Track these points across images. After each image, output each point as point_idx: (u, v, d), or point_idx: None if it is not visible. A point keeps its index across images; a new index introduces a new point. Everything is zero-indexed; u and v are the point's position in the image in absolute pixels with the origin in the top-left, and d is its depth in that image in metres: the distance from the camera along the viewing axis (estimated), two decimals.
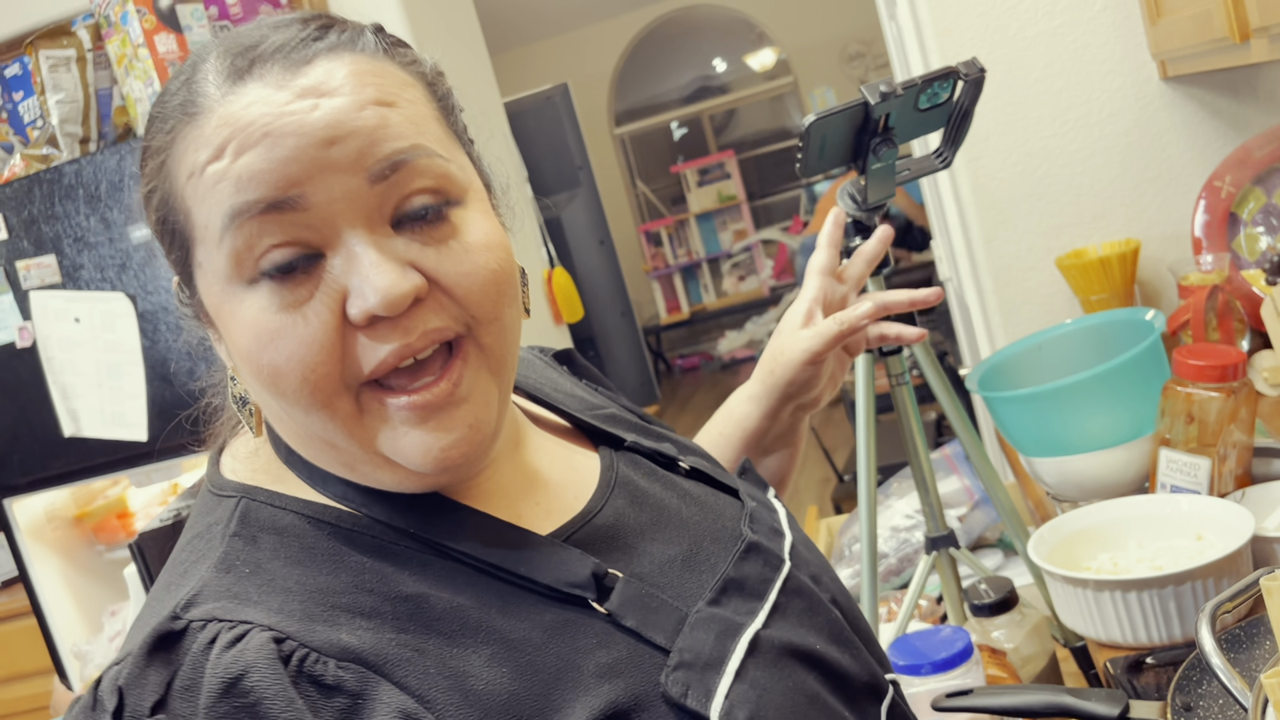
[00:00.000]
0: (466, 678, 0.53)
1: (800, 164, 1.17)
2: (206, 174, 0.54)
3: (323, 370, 0.54)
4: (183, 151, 0.56)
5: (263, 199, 0.53)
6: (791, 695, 0.59)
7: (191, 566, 0.57)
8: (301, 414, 0.56)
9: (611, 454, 0.72)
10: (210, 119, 0.55)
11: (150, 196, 0.59)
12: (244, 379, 0.59)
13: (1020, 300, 1.94)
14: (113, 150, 1.99)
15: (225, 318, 0.57)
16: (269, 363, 0.54)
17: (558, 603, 0.58)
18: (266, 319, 0.54)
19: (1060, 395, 1.24)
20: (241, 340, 0.56)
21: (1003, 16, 1.86)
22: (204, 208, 0.55)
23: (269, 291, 0.55)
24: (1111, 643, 1.06)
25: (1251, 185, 1.74)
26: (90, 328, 2.06)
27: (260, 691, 0.48)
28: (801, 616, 0.64)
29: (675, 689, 0.55)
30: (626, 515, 0.66)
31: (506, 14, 6.40)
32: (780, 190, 7.73)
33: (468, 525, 0.60)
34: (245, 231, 0.54)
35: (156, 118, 0.58)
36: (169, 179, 0.57)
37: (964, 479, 1.71)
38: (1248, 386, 1.19)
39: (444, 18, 2.50)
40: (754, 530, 0.69)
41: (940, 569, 1.33)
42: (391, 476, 0.59)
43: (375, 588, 0.56)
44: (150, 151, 0.58)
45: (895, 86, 1.12)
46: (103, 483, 2.36)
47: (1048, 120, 1.87)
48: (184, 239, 0.57)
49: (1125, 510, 1.16)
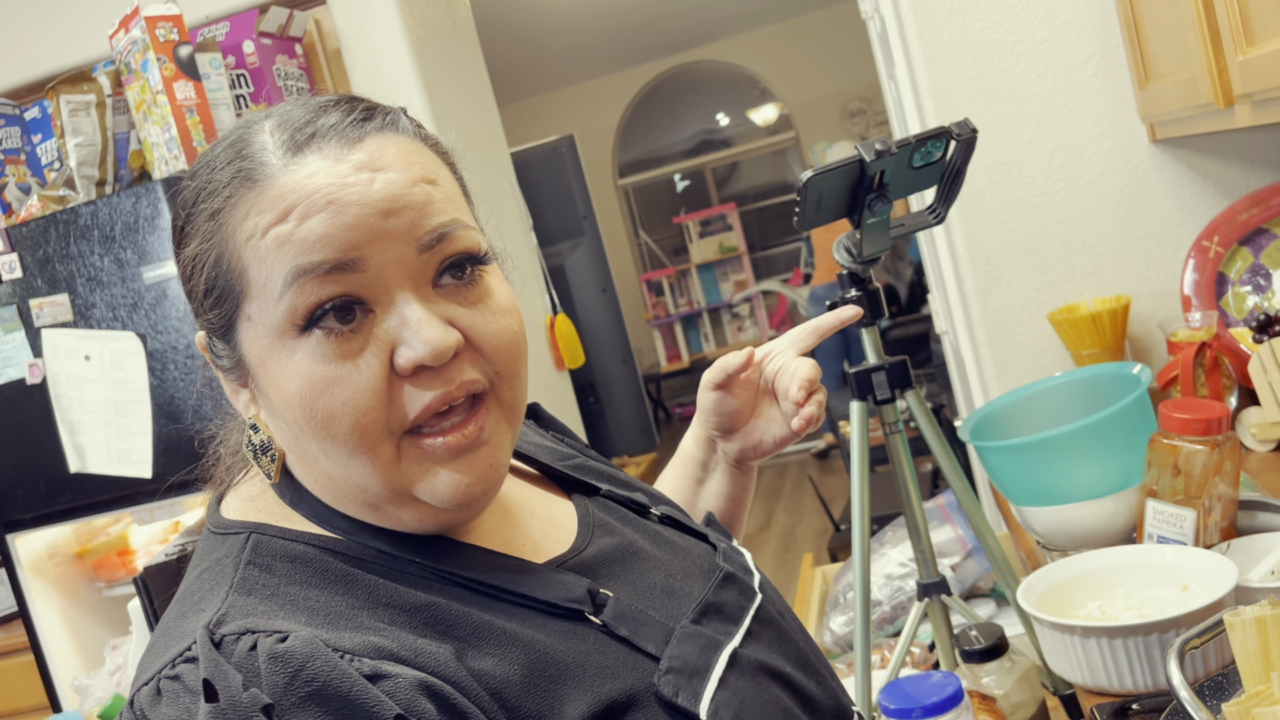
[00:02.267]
0: (482, 673, 0.57)
1: (798, 217, 1.22)
2: (269, 236, 0.59)
3: (373, 415, 0.59)
4: (243, 215, 0.60)
5: (327, 261, 0.58)
6: (768, 705, 0.64)
7: (206, 595, 0.59)
8: (345, 457, 0.60)
9: (586, 501, 0.77)
10: (272, 186, 0.60)
11: (200, 257, 0.62)
12: (287, 424, 0.62)
13: (1013, 354, 1.98)
14: (128, 193, 2.04)
15: (273, 367, 0.61)
16: (324, 407, 0.59)
17: (557, 617, 0.63)
18: (321, 367, 0.59)
19: (1049, 445, 1.27)
20: (292, 387, 0.60)
21: (997, 79, 1.92)
22: (264, 266, 0.59)
23: (322, 343, 0.59)
24: (1098, 689, 1.08)
25: (1238, 245, 1.78)
26: (100, 365, 2.09)
27: (325, 675, 0.52)
28: (772, 643, 0.70)
29: (667, 690, 0.61)
30: (608, 553, 0.71)
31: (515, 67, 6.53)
32: (781, 242, 7.81)
33: (469, 557, 0.65)
34: (307, 290, 0.59)
35: (208, 185, 0.62)
36: (224, 240, 0.61)
37: (957, 528, 1.74)
38: (1232, 440, 1.22)
39: (454, 70, 2.57)
40: (728, 564, 0.75)
41: (932, 615, 1.35)
42: (414, 515, 0.63)
43: (390, 601, 0.60)
44: (202, 215, 0.62)
45: (890, 145, 1.17)
46: (105, 520, 2.37)
47: (1040, 179, 1.92)
48: (234, 295, 0.61)
49: (1113, 560, 1.18)
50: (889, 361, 1.32)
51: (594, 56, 7.05)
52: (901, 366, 1.31)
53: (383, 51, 2.30)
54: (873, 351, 1.32)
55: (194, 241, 0.63)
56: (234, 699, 0.51)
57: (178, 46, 2.00)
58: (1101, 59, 1.88)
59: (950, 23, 1.92)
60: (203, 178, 0.63)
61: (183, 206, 0.64)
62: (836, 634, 1.69)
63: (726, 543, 0.80)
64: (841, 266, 1.30)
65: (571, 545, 0.71)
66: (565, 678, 0.59)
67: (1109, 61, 1.87)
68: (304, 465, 0.65)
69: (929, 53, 1.93)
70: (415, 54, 2.31)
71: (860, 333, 1.32)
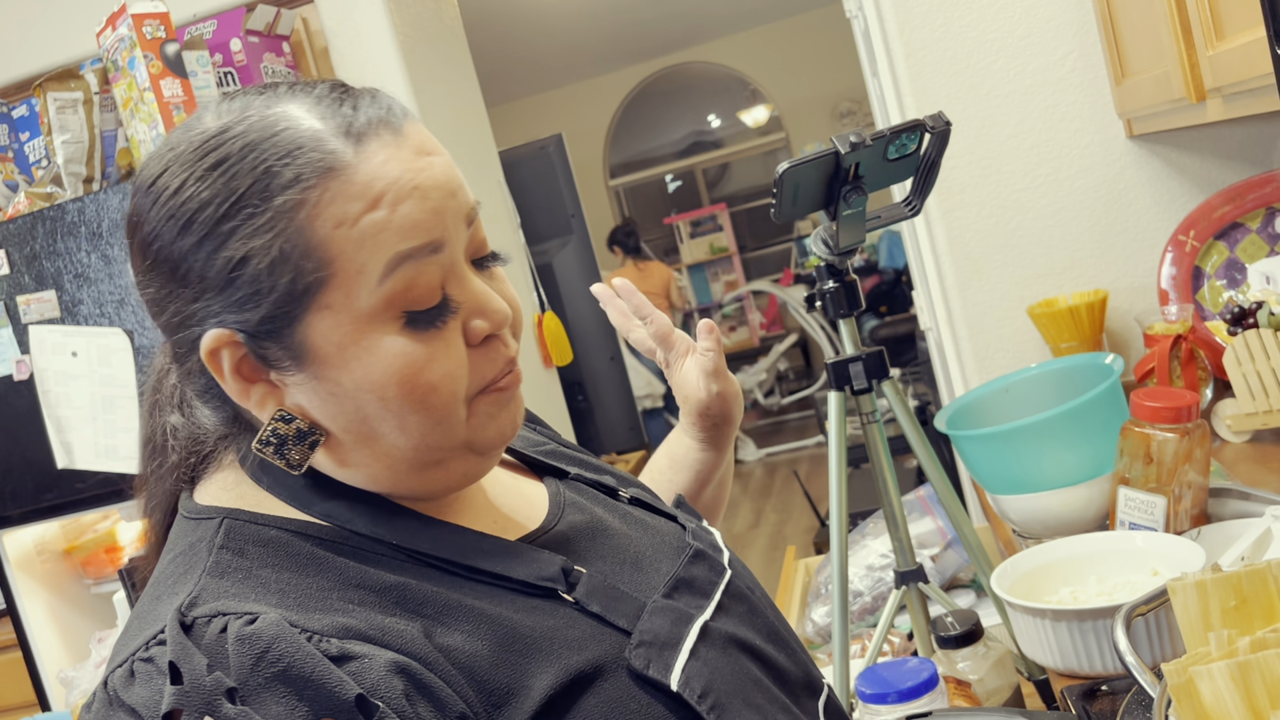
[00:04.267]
0: (450, 649, 0.58)
1: (775, 209, 1.23)
2: (363, 223, 0.60)
3: (463, 383, 0.64)
4: (326, 204, 0.59)
5: (425, 245, 0.61)
6: (738, 676, 0.65)
7: (180, 578, 0.60)
8: (430, 426, 0.63)
9: (557, 483, 0.79)
10: (356, 174, 0.60)
11: (257, 251, 0.60)
12: (349, 404, 0.62)
13: (994, 348, 2.00)
14: (116, 190, 2.05)
15: (360, 352, 0.61)
16: (425, 382, 0.62)
17: (528, 595, 0.64)
18: (418, 347, 0.62)
19: (1023, 434, 1.29)
20: (390, 367, 0.61)
21: (976, 76, 1.94)
22: (359, 254, 0.60)
23: (415, 323, 0.62)
24: (1069, 672, 1.10)
25: (1214, 240, 1.81)
26: (87, 362, 2.10)
27: (289, 657, 0.53)
28: (743, 617, 0.72)
29: (638, 662, 0.62)
30: (579, 529, 0.73)
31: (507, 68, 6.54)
32: (771, 243, 7.84)
33: (443, 535, 0.66)
34: (407, 273, 0.61)
35: (275, 181, 0.60)
36: (298, 231, 0.59)
37: (937, 520, 1.75)
38: (1202, 428, 1.24)
39: (441, 69, 2.58)
40: (698, 542, 0.77)
41: (909, 603, 1.36)
42: (461, 465, 0.66)
43: (359, 583, 0.61)
44: (261, 210, 0.60)
45: (864, 137, 1.19)
46: (93, 516, 2.38)
47: (1020, 175, 1.95)
48: (311, 285, 0.60)
49: (1085, 546, 1.20)
50: (866, 352, 1.33)
51: (585, 58, 7.07)
52: (878, 357, 1.33)
53: (370, 50, 2.31)
54: (850, 342, 1.34)
55: (245, 228, 0.60)
56: (198, 682, 0.52)
57: (165, 44, 2.01)
58: (1079, 56, 1.90)
59: (930, 20, 1.94)
60: (259, 177, 0.60)
61: (221, 195, 0.60)
62: (818, 624, 1.70)
63: (696, 523, 0.82)
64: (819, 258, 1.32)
65: (542, 523, 0.72)
66: (533, 651, 0.60)
67: (1086, 58, 1.90)
68: (362, 448, 0.64)
69: (909, 50, 1.95)
70: (402, 53, 2.32)
71: (839, 324, 1.34)
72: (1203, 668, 0.47)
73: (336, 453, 0.65)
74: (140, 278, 0.65)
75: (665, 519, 0.81)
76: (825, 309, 1.33)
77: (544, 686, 0.59)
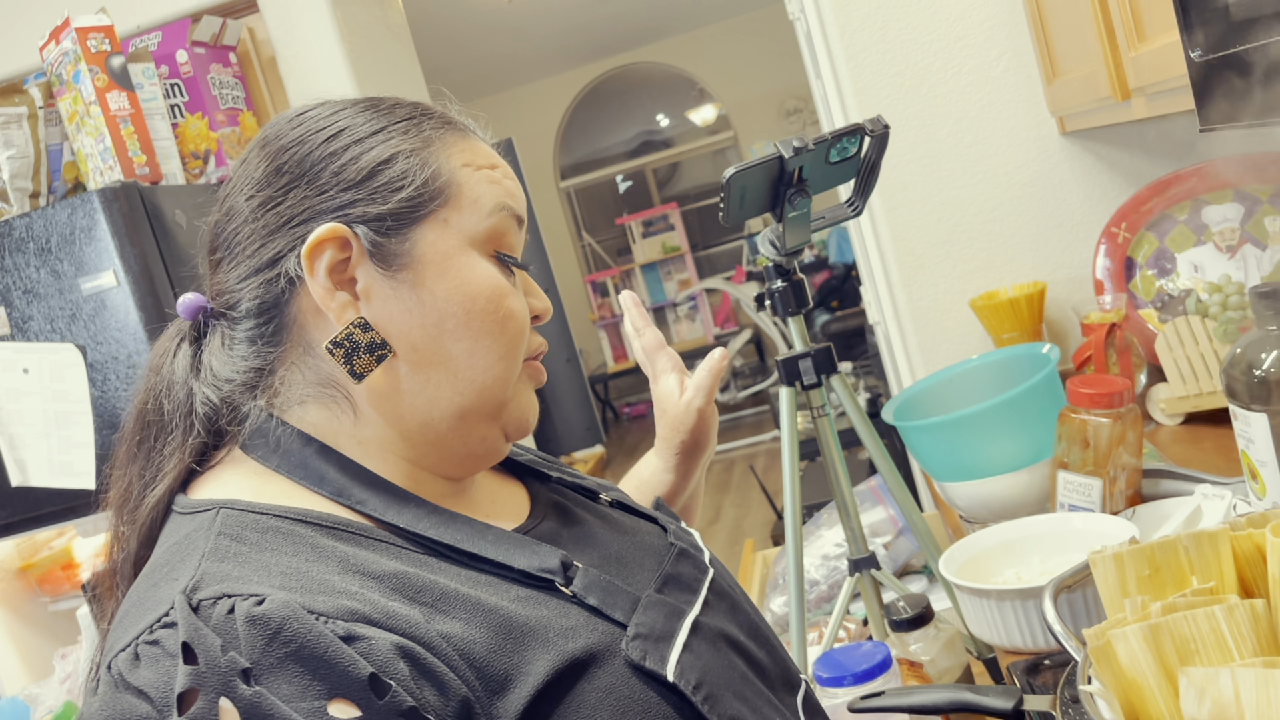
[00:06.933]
0: (450, 635, 0.59)
1: (723, 212, 1.27)
2: (483, 172, 0.74)
3: (528, 330, 0.74)
4: (459, 149, 0.74)
5: (521, 214, 0.75)
6: (727, 670, 0.68)
7: (178, 565, 0.60)
8: (498, 355, 0.71)
9: (537, 485, 0.82)
10: (478, 143, 0.76)
11: (406, 158, 0.71)
12: (432, 315, 0.70)
13: (939, 340, 2.06)
14: (64, 204, 2.04)
15: (460, 265, 0.71)
16: (508, 307, 0.72)
17: (524, 585, 0.66)
18: (504, 281, 0.73)
19: (966, 423, 1.34)
20: (484, 284, 0.71)
21: (914, 77, 1.99)
22: (478, 189, 0.73)
23: (501, 262, 0.73)
24: (1015, 649, 1.15)
25: (1145, 231, 1.88)
26: (39, 378, 2.09)
27: (302, 637, 0.54)
28: (727, 613, 0.74)
29: (635, 654, 0.65)
30: (563, 527, 0.76)
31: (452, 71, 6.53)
32: (722, 241, 7.91)
33: (448, 521, 0.68)
34: (506, 223, 0.74)
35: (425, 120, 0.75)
36: (436, 155, 0.72)
37: (889, 509, 1.81)
38: (1134, 412, 1.30)
39: (389, 75, 2.59)
40: (681, 542, 0.79)
41: (863, 589, 1.41)
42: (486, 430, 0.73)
43: (359, 569, 0.61)
44: (412, 129, 0.73)
45: (807, 142, 1.23)
46: (48, 534, 2.36)
47: (959, 173, 2.01)
48: (438, 197, 0.71)
49: (1027, 529, 1.25)
50: (815, 348, 1.38)
51: (531, 59, 7.08)
52: (826, 352, 1.37)
53: (316, 59, 2.32)
54: (799, 339, 1.38)
55: (395, 140, 0.72)
56: (213, 662, 0.52)
57: (110, 57, 2.00)
58: (1012, 56, 1.96)
59: (869, 23, 1.99)
60: (402, 107, 0.76)
61: (367, 123, 0.73)
62: (776, 614, 1.75)
63: (675, 524, 0.84)
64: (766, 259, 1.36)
65: (525, 522, 0.75)
66: (530, 639, 0.62)
67: (1019, 59, 1.96)
68: (408, 374, 0.70)
69: (850, 52, 2.00)
70: (350, 60, 2.33)
71: (788, 321, 1.38)
72: (1118, 631, 0.51)
73: (390, 381, 0.70)
74: (248, 189, 0.71)
75: (646, 520, 0.83)
76: (774, 308, 1.37)
77: (541, 672, 0.60)
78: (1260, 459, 1.05)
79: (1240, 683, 0.45)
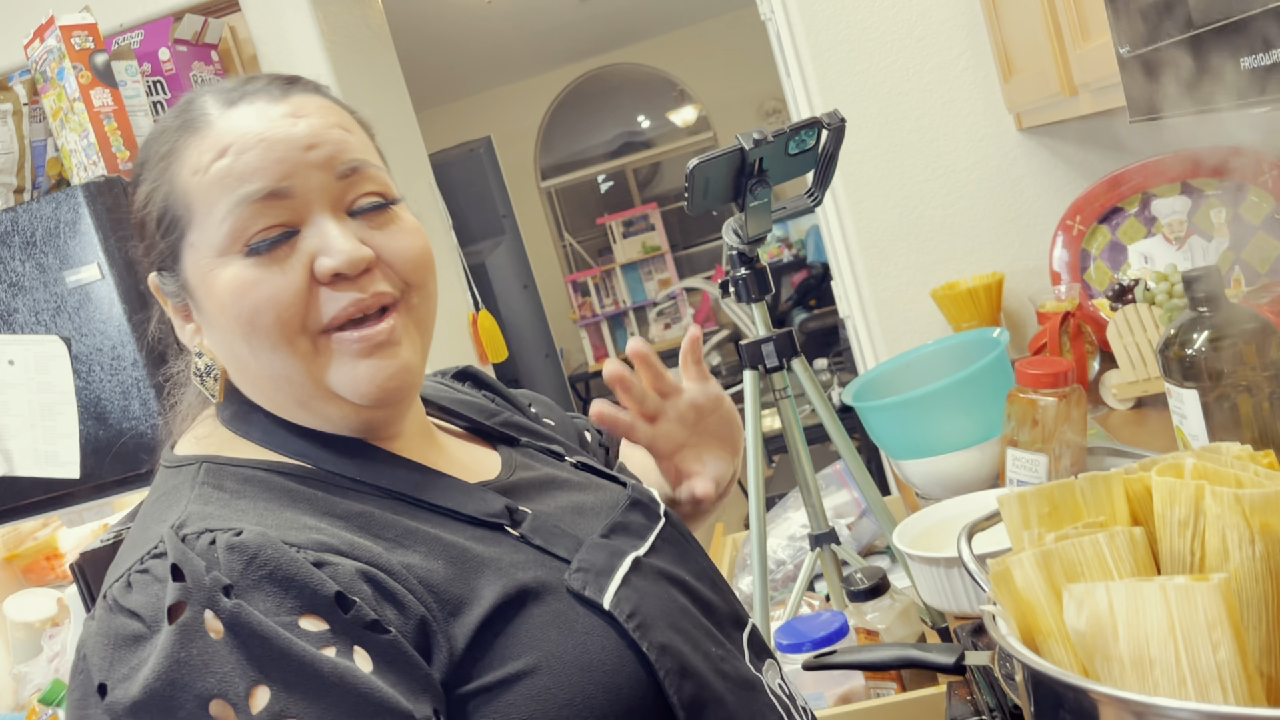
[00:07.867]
0: (411, 565, 0.67)
1: (687, 202, 1.33)
2: (212, 170, 0.71)
3: (293, 311, 0.70)
4: (187, 155, 0.72)
5: (262, 188, 0.70)
6: (666, 603, 0.74)
7: (167, 509, 0.68)
8: (269, 351, 0.71)
9: (509, 450, 0.88)
10: (212, 130, 0.72)
11: (151, 195, 0.74)
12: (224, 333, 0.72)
13: (902, 329, 2.13)
14: (49, 199, 2.08)
15: (210, 282, 0.72)
16: (250, 303, 0.70)
17: (477, 527, 0.73)
18: (250, 272, 0.70)
19: (920, 403, 1.41)
20: (224, 294, 0.71)
21: (877, 75, 2.06)
22: (209, 197, 0.71)
23: (253, 255, 0.70)
24: (963, 614, 1.21)
25: (1098, 224, 1.95)
26: (24, 370, 2.13)
27: (275, 561, 0.61)
28: (675, 556, 0.81)
29: (575, 584, 0.71)
30: (527, 481, 0.82)
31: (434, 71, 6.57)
32: (703, 241, 7.98)
33: (404, 472, 0.75)
34: (245, 213, 0.70)
35: (155, 138, 0.75)
36: (172, 179, 0.73)
37: (853, 492, 1.87)
38: (1078, 392, 1.37)
39: (370, 74, 2.64)
40: (637, 495, 0.85)
41: (823, 563, 1.47)
42: (338, 411, 0.74)
43: (328, 511, 0.69)
44: (151, 161, 0.75)
45: (766, 134, 1.29)
46: (32, 524, 2.40)
47: (920, 167, 2.08)
48: (181, 224, 0.73)
49: (977, 503, 1.32)
50: (776, 333, 1.44)
51: (512, 60, 7.13)
52: (787, 338, 1.44)
53: (297, 57, 2.36)
54: (762, 324, 1.45)
55: (146, 183, 0.74)
56: (198, 579, 0.59)
57: (93, 55, 2.05)
58: (971, 55, 2.04)
59: (834, 23, 2.06)
60: (154, 133, 0.75)
61: (139, 156, 0.76)
62: (744, 594, 1.81)
63: (635, 482, 0.90)
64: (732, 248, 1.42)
65: (493, 480, 0.81)
66: (483, 569, 0.69)
67: (978, 57, 2.03)
68: (243, 376, 0.75)
69: (816, 51, 2.07)
70: (331, 59, 2.38)
71: (752, 307, 1.44)
72: (1015, 557, 0.58)
73: (246, 387, 0.75)
74: None
75: (609, 480, 0.89)
76: (738, 294, 1.44)
77: (492, 596, 0.67)
78: (1192, 433, 1.12)
79: (1114, 596, 0.51)
